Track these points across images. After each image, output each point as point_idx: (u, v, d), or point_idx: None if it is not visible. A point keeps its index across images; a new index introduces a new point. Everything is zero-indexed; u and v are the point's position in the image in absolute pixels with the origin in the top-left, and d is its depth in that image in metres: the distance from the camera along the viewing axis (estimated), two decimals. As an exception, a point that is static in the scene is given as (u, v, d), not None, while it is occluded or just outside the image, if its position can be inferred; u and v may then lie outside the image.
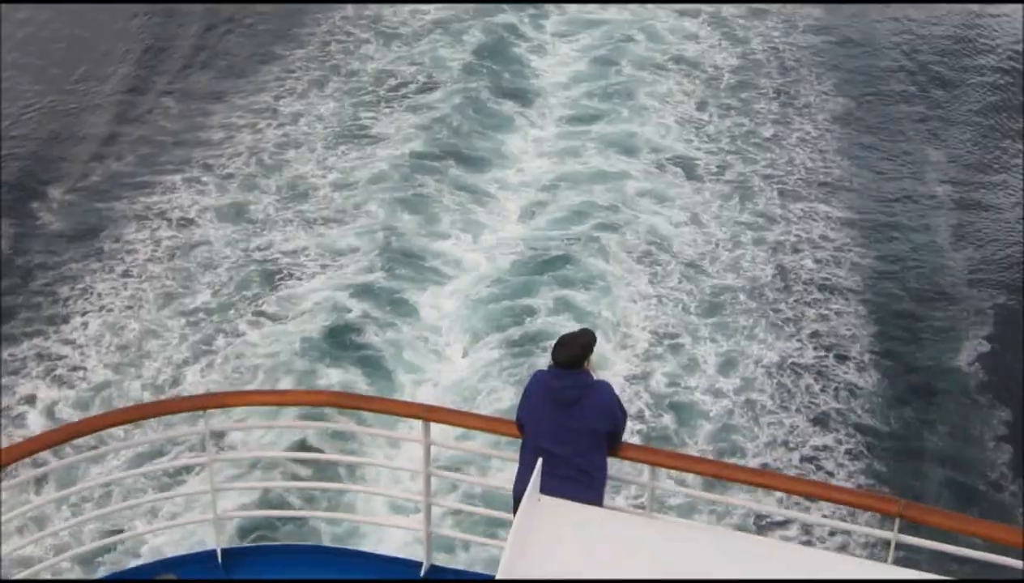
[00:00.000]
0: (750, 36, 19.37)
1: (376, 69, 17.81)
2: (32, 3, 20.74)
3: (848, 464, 10.17)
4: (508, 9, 19.83)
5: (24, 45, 18.27)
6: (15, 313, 11.77)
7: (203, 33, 18.81)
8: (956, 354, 11.49)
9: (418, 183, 14.27)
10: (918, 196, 14.47)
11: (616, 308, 12.04)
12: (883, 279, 12.77)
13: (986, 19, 19.89)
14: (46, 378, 11.01)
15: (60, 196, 13.69)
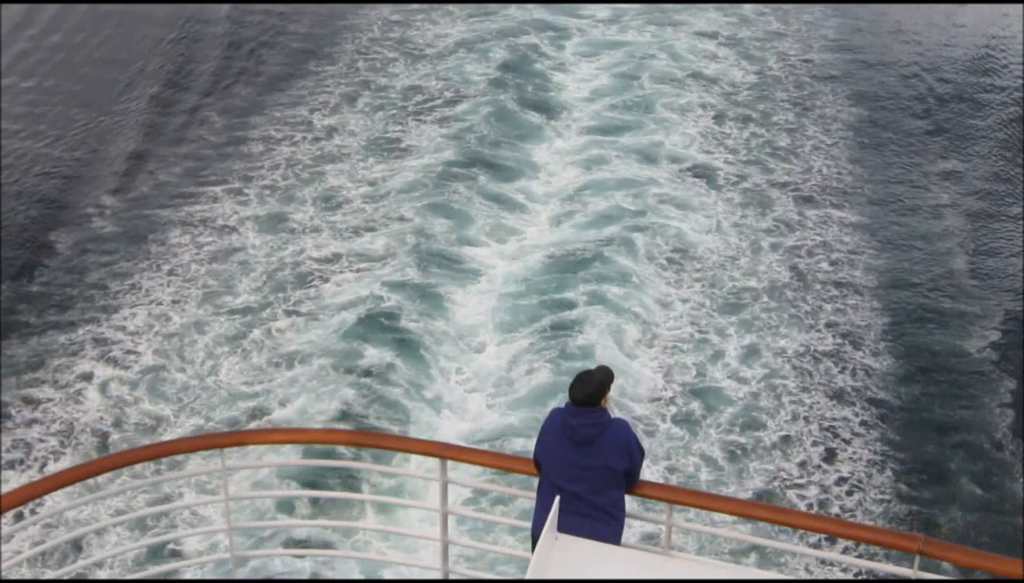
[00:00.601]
0: (767, 56, 20.34)
1: (404, 86, 18.82)
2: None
3: (864, 433, 11.01)
4: (531, 31, 20.94)
5: (68, 68, 19.39)
6: (73, 303, 12.75)
7: (240, 51, 19.98)
8: (963, 340, 12.41)
9: (448, 191, 15.16)
10: (927, 201, 15.38)
11: (645, 304, 12.84)
12: (894, 277, 13.61)
13: (997, 40, 20.79)
14: (100, 360, 11.93)
15: (113, 204, 14.77)
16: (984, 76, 19.61)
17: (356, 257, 13.92)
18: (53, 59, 19.76)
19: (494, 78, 18.70)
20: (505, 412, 11.40)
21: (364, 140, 16.76)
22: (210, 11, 21.71)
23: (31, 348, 12.04)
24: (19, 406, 11.24)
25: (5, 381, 11.49)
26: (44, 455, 10.66)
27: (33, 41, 20.45)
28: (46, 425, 11.04)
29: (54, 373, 11.74)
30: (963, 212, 15.17)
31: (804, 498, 10.33)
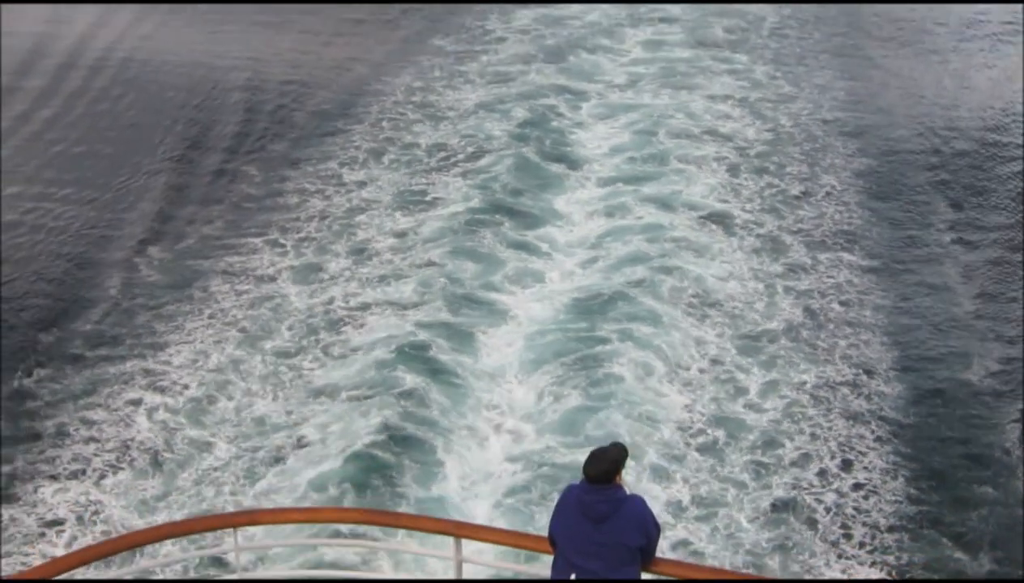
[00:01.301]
0: (779, 116, 21.62)
1: (428, 143, 20.09)
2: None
3: (877, 447, 11.88)
4: (550, 94, 22.33)
5: (101, 130, 20.77)
6: (123, 341, 13.83)
7: (267, 113, 21.39)
8: (966, 371, 13.46)
9: (474, 237, 16.21)
10: (932, 245, 16.56)
11: (669, 342, 13.69)
12: (902, 315, 14.64)
13: (1004, 103, 22.05)
14: (148, 389, 12.88)
15: (159, 254, 15.98)
16: (991, 133, 20.81)
17: (387, 303, 14.81)
18: (87, 123, 21.12)
19: (515, 133, 19.97)
20: (536, 440, 12.23)
21: (392, 193, 17.92)
22: (232, 79, 23.14)
23: (86, 377, 13.06)
24: (77, 426, 12.22)
25: (63, 405, 12.53)
26: (102, 468, 11.61)
27: (67, 103, 21.90)
28: (102, 443, 11.99)
29: (107, 399, 12.71)
30: (966, 255, 16.26)
31: (822, 502, 11.18)
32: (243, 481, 11.58)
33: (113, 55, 24.48)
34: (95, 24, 26.37)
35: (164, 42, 25.55)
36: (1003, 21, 26.80)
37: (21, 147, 19.82)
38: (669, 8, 28.81)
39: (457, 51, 25.27)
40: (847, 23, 27.85)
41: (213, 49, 24.97)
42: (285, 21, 27.24)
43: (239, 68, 23.59)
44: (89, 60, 24.02)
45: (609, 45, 25.57)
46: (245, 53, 24.58)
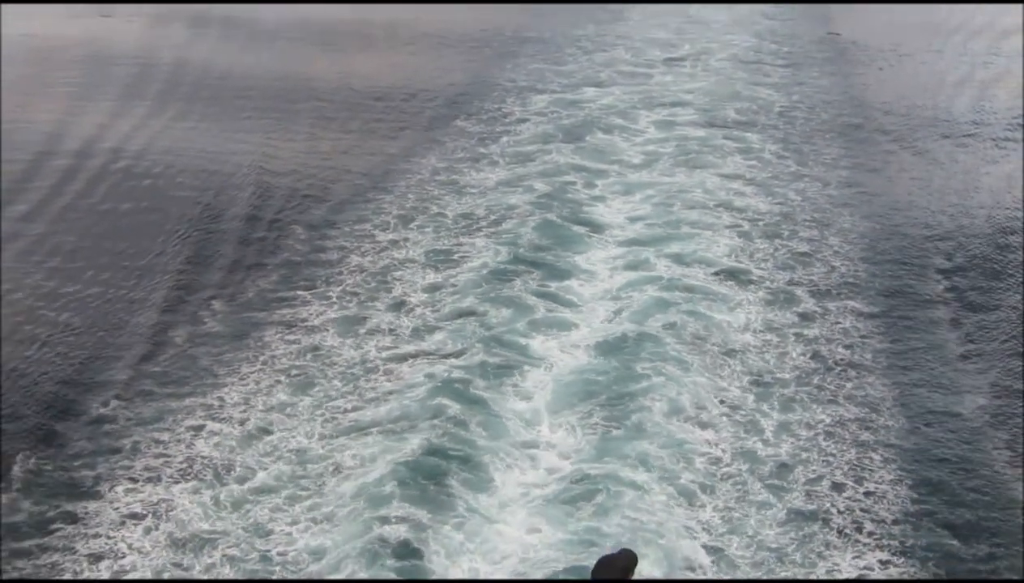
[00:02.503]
0: (788, 191, 23.69)
1: (454, 213, 22.08)
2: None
3: (883, 466, 13.68)
4: (569, 171, 24.54)
5: (153, 206, 23.04)
6: (187, 381, 15.63)
7: (308, 185, 23.72)
8: (958, 403, 15.29)
9: (502, 289, 18.04)
10: (927, 291, 18.68)
11: (693, 384, 15.35)
12: (901, 357, 16.43)
13: (1009, 196, 23.49)
14: (208, 419, 14.56)
15: (221, 307, 18.05)
16: (989, 207, 22.78)
17: (423, 350, 16.50)
18: (135, 197, 23.36)
19: (536, 203, 22.09)
20: (571, 463, 13.77)
21: (422, 252, 19.86)
22: (262, 165, 25.17)
23: (155, 408, 14.91)
24: (148, 444, 13.99)
25: (137, 429, 14.40)
26: (169, 476, 13.39)
27: (117, 181, 24.19)
28: (168, 458, 13.70)
29: (172, 425, 14.48)
30: (957, 302, 18.30)
31: (835, 506, 12.83)
32: (287, 498, 13.22)
33: (148, 145, 26.58)
34: (114, 116, 28.73)
35: (189, 132, 27.86)
36: (1010, 119, 28.91)
37: (75, 220, 21.96)
38: (682, 94, 31.44)
39: (479, 132, 27.64)
40: (853, 109, 30.30)
41: (239, 138, 27.20)
42: (311, 117, 29.68)
43: (268, 155, 25.67)
44: (129, 152, 26.04)
45: (624, 125, 27.97)
46: (272, 142, 26.80)
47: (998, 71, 34.67)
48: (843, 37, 40.41)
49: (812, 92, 32.28)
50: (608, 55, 37.20)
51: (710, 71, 34.70)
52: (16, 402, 14.95)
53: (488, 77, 33.94)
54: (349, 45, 39.16)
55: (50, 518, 12.57)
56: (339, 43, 39.40)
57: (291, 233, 21.03)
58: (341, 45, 39.07)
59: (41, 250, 20.19)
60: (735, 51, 37.79)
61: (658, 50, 37.94)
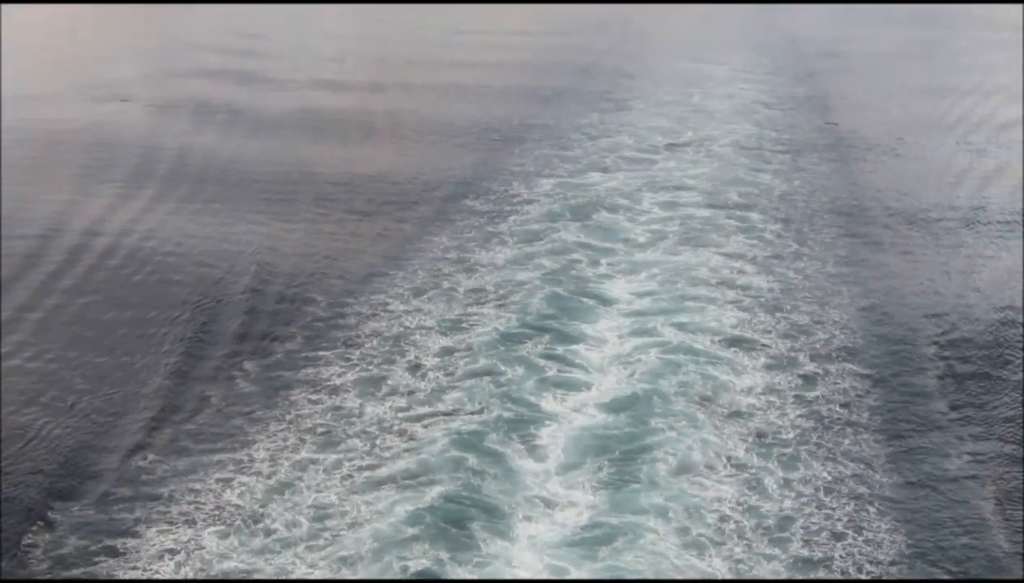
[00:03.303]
0: (787, 271, 25.05)
1: (464, 288, 23.46)
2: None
3: (878, 518, 14.90)
4: (576, 249, 25.93)
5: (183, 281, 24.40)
6: (219, 437, 17.06)
7: (324, 258, 25.29)
8: (946, 458, 16.69)
9: (513, 353, 19.33)
10: (917, 358, 20.04)
11: (702, 442, 16.56)
12: (893, 417, 17.86)
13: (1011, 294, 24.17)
14: (237, 472, 15.77)
15: (252, 367, 19.53)
16: (983, 289, 24.08)
17: (439, 410, 17.81)
18: (160, 272, 24.76)
19: (545, 277, 23.49)
20: (585, 513, 14.85)
21: (435, 320, 21.22)
22: (276, 251, 26.84)
23: (189, 462, 16.19)
24: (183, 493, 15.23)
25: (172, 479, 15.70)
26: (203, 519, 14.63)
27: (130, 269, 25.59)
28: (201, 505, 14.90)
29: (204, 477, 15.65)
30: (947, 365, 19.76)
31: (838, 555, 14.08)
32: (309, 542, 14.32)
33: (157, 227, 28.02)
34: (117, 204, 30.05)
35: (198, 215, 29.38)
36: (1011, 211, 30.04)
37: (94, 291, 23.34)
38: (685, 179, 33.05)
39: (488, 211, 29.20)
40: (852, 195, 31.84)
41: (251, 219, 28.85)
42: (319, 202, 31.32)
43: (278, 236, 27.29)
44: (138, 233, 27.53)
45: (629, 205, 29.51)
46: (285, 223, 28.44)
47: (998, 163, 36.09)
48: (841, 127, 42.24)
49: (812, 178, 33.89)
50: (613, 141, 39.04)
51: (713, 156, 36.46)
52: (68, 456, 16.43)
53: (494, 162, 35.61)
54: (354, 134, 41.06)
55: (94, 551, 13.88)
56: (344, 132, 41.29)
57: (311, 301, 22.55)
58: (347, 134, 40.96)
59: (72, 322, 21.65)
60: (736, 138, 39.62)
61: (661, 137, 39.75)
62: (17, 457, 16.27)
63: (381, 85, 53.14)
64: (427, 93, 50.59)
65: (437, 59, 63.55)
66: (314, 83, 53.32)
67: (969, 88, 52.36)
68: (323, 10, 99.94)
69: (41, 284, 23.51)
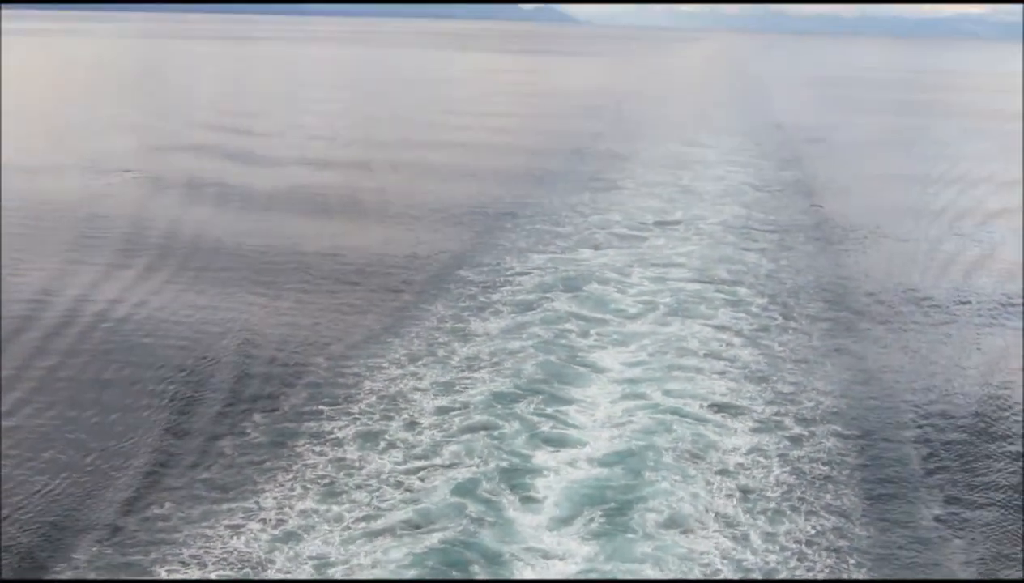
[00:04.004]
0: (774, 345, 26.22)
1: (460, 355, 24.49)
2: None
3: (856, 572, 16.00)
4: (568, 319, 27.10)
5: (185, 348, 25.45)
6: (230, 487, 18.06)
7: (325, 325, 26.51)
8: (920, 513, 17.80)
9: (505, 412, 20.45)
10: (894, 440, 20.75)
11: (693, 495, 17.58)
12: (870, 476, 18.95)
13: (1000, 389, 24.33)
14: (246, 520, 16.76)
15: (262, 420, 20.81)
16: (959, 380, 25.19)
17: (437, 466, 18.79)
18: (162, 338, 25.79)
19: (538, 345, 24.58)
20: (580, 567, 15.88)
21: (428, 382, 22.26)
22: (273, 328, 27.93)
23: (201, 510, 17.21)
24: (194, 538, 16.22)
25: (185, 526, 16.70)
26: (213, 562, 15.59)
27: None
28: (210, 549, 15.93)
29: (214, 524, 16.64)
30: (923, 437, 20.74)
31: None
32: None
33: (151, 304, 29.15)
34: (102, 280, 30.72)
35: (199, 286, 30.57)
36: (1000, 303, 30.82)
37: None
38: (674, 256, 34.38)
39: (482, 282, 30.43)
40: (837, 273, 33.18)
41: (245, 290, 29.99)
42: (312, 276, 32.46)
43: (275, 310, 28.35)
44: (124, 308, 28.61)
45: (620, 279, 30.79)
46: (278, 297, 29.41)
47: (982, 250, 37.36)
48: (826, 210, 43.83)
49: (797, 257, 35.28)
50: (604, 218, 40.49)
51: (702, 234, 37.91)
52: (88, 502, 17.50)
53: (487, 238, 36.88)
54: (347, 211, 42.22)
55: (111, 583, 14.76)
56: (337, 209, 42.51)
57: (310, 363, 23.69)
58: (339, 211, 42.17)
59: (73, 383, 22.62)
60: (725, 218, 41.14)
61: (651, 215, 41.24)
62: (26, 506, 17.30)
63: (371, 164, 54.63)
64: (417, 172, 52.11)
65: (427, 139, 65.34)
66: (305, 160, 54.83)
67: (954, 177, 54.18)
68: (314, 88, 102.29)
69: (35, 349, 24.45)
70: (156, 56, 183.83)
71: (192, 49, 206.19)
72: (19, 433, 20.02)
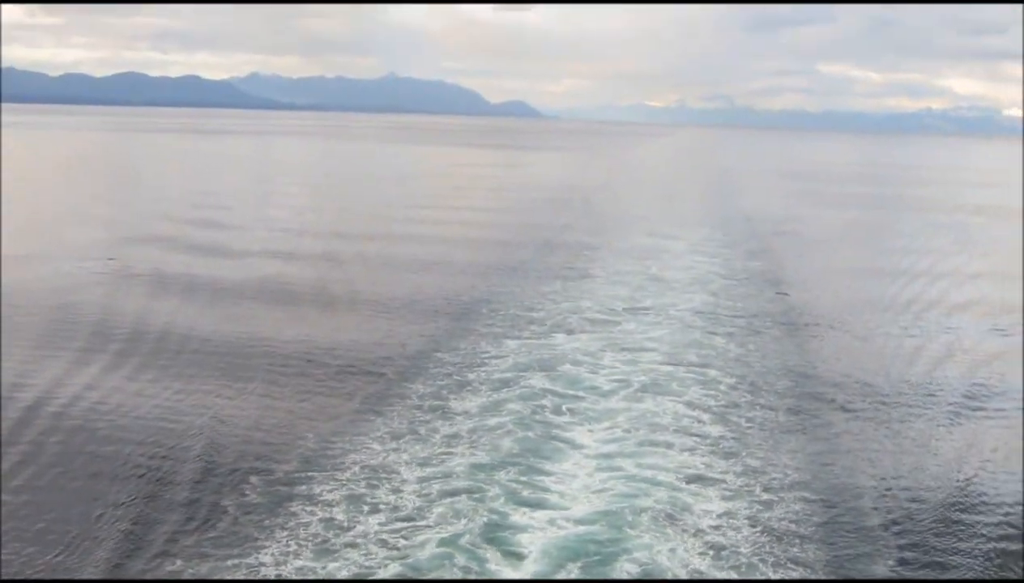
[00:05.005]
0: (742, 422, 27.93)
1: (441, 433, 26.00)
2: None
3: None
4: (545, 395, 28.70)
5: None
6: (235, 545, 19.61)
7: (311, 402, 28.10)
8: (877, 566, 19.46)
9: (484, 482, 22.05)
10: (856, 512, 22.15)
11: (671, 552, 19.21)
12: (836, 527, 20.80)
13: (975, 473, 25.38)
14: (248, 575, 18.27)
15: (258, 482, 22.45)
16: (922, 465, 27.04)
17: (420, 527, 20.26)
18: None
19: (516, 422, 26.20)
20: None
21: (409, 457, 23.83)
22: (246, 418, 29.37)
23: (209, 566, 18.81)
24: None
25: (199, 561, 18.44)
26: None
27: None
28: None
29: (228, 560, 18.38)
30: (885, 508, 22.34)
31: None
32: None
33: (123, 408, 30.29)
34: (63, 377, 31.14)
35: (167, 381, 31.81)
36: (964, 394, 31.62)
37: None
38: (645, 342, 36.12)
39: (459, 363, 32.05)
40: (802, 357, 34.95)
41: (219, 390, 31.45)
42: (282, 369, 33.90)
43: (256, 396, 29.50)
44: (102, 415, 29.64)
45: (593, 361, 32.50)
46: (244, 390, 30.07)
47: (948, 341, 38.61)
48: (792, 299, 45.84)
49: (765, 342, 37.09)
50: (576, 304, 42.32)
51: (672, 319, 39.77)
52: (106, 562, 19.12)
53: (462, 324, 38.44)
54: (320, 303, 43.32)
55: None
56: (309, 301, 43.60)
57: (301, 436, 25.35)
58: (313, 303, 43.27)
59: (55, 464, 23.89)
60: (694, 305, 43.08)
61: (621, 303, 43.12)
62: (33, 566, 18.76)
63: (343, 256, 55.99)
64: (389, 264, 53.68)
65: (397, 233, 67.14)
66: (277, 253, 56.15)
67: (919, 270, 56.29)
68: (284, 181, 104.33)
69: (7, 439, 25.40)
70: (124, 149, 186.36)
71: (162, 142, 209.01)
72: (14, 511, 21.19)
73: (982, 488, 23.58)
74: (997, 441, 26.88)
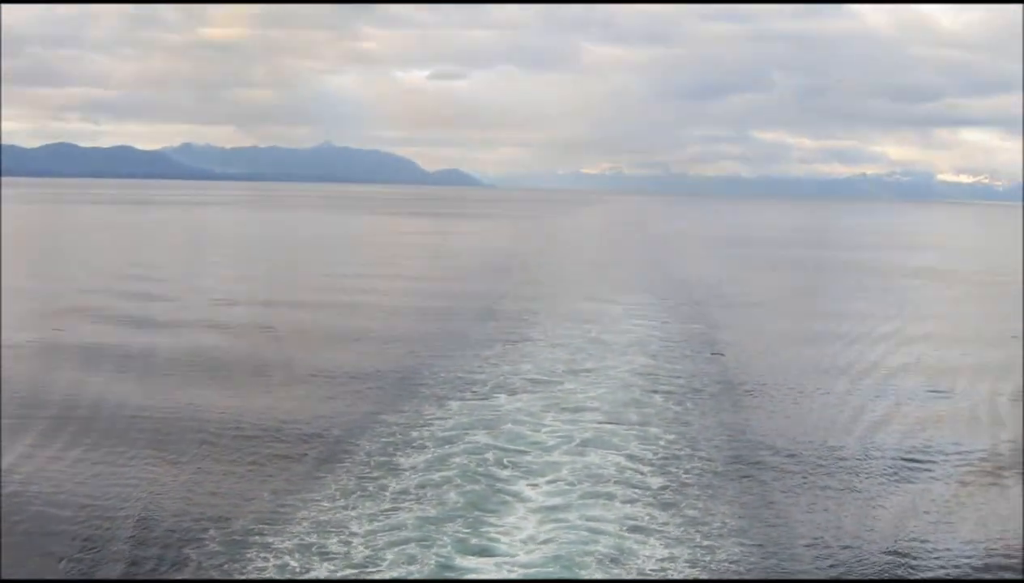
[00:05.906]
0: (680, 472, 29.32)
1: (392, 489, 27.09)
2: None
3: None
4: (488, 450, 29.92)
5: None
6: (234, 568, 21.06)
7: (249, 470, 28.97)
8: None
9: (438, 530, 23.43)
10: (790, 522, 24.16)
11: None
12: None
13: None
14: None
15: (217, 534, 23.49)
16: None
17: (371, 577, 21.44)
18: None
19: (460, 474, 27.59)
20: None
21: (358, 513, 24.86)
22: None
23: None
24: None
25: None
26: None
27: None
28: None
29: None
30: (825, 535, 24.02)
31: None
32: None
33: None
34: None
35: (100, 464, 32.44)
36: (901, 456, 32.31)
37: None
38: (586, 401, 37.49)
39: (402, 423, 33.22)
40: (740, 415, 36.45)
41: (153, 465, 32.11)
42: (219, 440, 34.67)
43: (189, 470, 30.78)
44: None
45: (535, 421, 33.86)
46: (181, 463, 31.86)
47: (887, 405, 39.56)
48: (728, 359, 47.55)
49: (702, 400, 38.63)
50: (516, 367, 43.69)
51: (612, 380, 41.24)
52: None
53: (403, 389, 39.14)
54: (254, 374, 43.29)
55: None
56: (242, 372, 43.62)
57: (251, 496, 26.34)
58: (246, 374, 43.32)
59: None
60: (633, 366, 44.59)
61: (562, 365, 44.52)
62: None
63: (279, 327, 56.12)
64: (325, 334, 54.36)
65: (331, 303, 67.79)
66: (209, 324, 56.42)
67: (856, 334, 58.00)
68: (215, 251, 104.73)
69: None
70: (56, 220, 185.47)
71: (95, 213, 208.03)
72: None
73: (916, 535, 25.14)
74: (935, 496, 28.32)
